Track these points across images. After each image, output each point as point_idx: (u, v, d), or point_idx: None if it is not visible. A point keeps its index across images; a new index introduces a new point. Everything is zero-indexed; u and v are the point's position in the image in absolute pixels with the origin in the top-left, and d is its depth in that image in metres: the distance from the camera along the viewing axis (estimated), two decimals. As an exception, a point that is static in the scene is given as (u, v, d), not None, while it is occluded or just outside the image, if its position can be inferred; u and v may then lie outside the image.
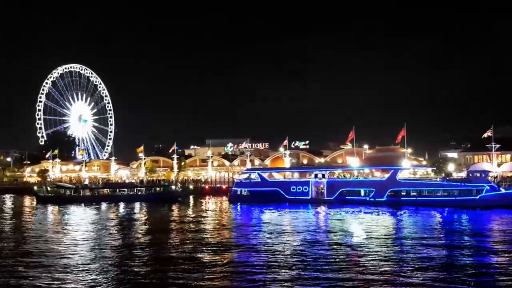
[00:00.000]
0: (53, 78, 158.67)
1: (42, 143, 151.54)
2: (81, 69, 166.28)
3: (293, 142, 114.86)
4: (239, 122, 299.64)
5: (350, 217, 44.34)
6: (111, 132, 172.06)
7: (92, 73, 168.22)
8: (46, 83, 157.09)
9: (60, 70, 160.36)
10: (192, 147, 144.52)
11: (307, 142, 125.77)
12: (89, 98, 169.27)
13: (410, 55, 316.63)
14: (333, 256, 24.48)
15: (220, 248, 27.75)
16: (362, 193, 59.02)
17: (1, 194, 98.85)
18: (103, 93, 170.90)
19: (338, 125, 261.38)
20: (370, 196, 57.74)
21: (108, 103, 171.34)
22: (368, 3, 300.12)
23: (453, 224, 39.25)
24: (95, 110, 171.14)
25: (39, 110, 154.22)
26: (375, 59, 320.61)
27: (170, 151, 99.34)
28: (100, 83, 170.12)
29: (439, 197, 55.31)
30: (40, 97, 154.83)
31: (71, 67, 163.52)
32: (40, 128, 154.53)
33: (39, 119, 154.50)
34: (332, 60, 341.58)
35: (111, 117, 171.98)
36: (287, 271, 21.39)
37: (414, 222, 40.31)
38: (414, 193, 56.45)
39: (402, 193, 57.12)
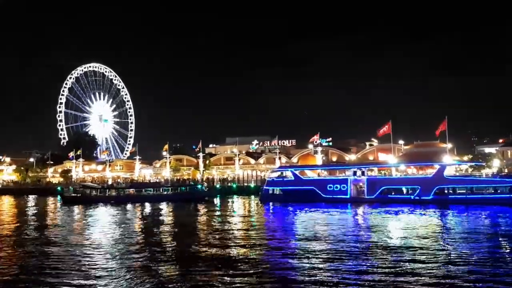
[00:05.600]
0: (73, 78, 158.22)
1: (64, 143, 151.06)
2: (101, 68, 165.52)
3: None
4: (250, 121, 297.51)
5: (396, 218, 40.46)
6: (131, 131, 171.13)
7: (111, 72, 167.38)
8: (66, 83, 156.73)
9: (80, 70, 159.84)
10: (211, 145, 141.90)
11: (330, 139, 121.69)
12: (108, 98, 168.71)
13: (410, 61, 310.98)
14: (380, 264, 21.24)
15: (252, 251, 25.08)
16: (406, 191, 55.18)
17: (25, 195, 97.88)
18: (122, 91, 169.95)
19: (356, 124, 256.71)
20: (415, 194, 53.80)
21: (128, 101, 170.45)
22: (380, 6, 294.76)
23: (507, 224, 35.24)
24: (115, 109, 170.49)
25: (60, 111, 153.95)
26: (382, 62, 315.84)
27: (197, 149, 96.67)
28: (120, 82, 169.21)
29: (490, 194, 51.24)
30: (61, 98, 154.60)
31: (90, 67, 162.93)
32: (61, 128, 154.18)
33: (60, 119, 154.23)
34: (344, 62, 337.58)
35: (131, 116, 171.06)
36: (324, 277, 18.81)
37: (468, 223, 36.44)
38: (463, 191, 52.48)
39: (450, 191, 53.19)
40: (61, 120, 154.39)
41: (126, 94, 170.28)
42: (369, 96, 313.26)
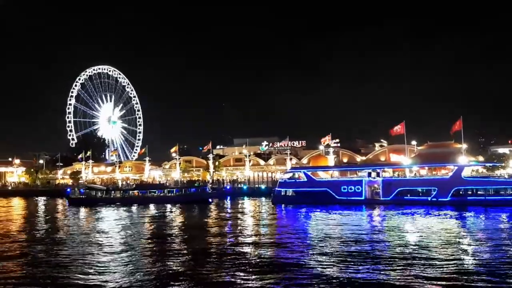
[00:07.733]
0: (82, 80, 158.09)
1: (73, 145, 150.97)
2: (109, 71, 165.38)
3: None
4: (251, 121, 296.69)
5: (413, 220, 39.05)
6: (139, 140, 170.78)
7: (124, 79, 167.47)
8: (80, 78, 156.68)
9: (88, 72, 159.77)
10: (218, 147, 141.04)
11: (338, 140, 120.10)
12: (119, 103, 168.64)
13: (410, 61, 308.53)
14: (395, 267, 20.25)
15: (264, 253, 24.21)
16: (423, 193, 53.72)
17: (35, 196, 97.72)
18: (131, 93, 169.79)
19: (361, 124, 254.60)
20: (432, 196, 52.33)
21: (137, 103, 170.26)
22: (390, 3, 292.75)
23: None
24: (125, 115, 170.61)
25: (69, 112, 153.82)
26: (395, 58, 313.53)
27: (204, 150, 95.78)
28: (132, 90, 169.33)
29: (510, 196, 49.65)
30: (72, 91, 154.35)
31: (99, 69, 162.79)
32: (71, 130, 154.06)
33: (69, 121, 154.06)
34: (353, 60, 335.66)
35: (140, 125, 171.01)
36: (338, 280, 18.07)
37: (488, 225, 34.93)
38: (482, 192, 50.99)
39: (468, 192, 51.68)
40: (69, 113, 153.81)
41: (137, 103, 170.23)
42: (371, 96, 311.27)
